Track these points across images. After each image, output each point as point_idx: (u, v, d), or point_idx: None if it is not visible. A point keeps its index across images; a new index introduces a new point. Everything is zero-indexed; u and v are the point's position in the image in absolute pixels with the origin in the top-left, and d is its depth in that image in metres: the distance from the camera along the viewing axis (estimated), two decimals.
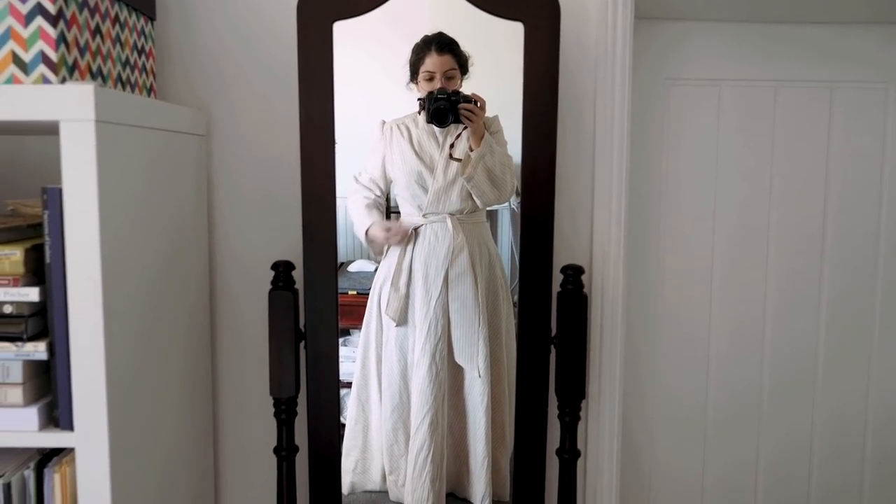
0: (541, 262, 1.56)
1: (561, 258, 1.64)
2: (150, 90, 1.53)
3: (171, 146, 1.47)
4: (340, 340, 1.94)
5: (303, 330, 1.57)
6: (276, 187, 1.68)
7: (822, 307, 1.96)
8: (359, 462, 1.71)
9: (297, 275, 1.57)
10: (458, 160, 1.60)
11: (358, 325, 1.79)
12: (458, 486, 1.73)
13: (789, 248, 1.94)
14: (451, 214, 1.62)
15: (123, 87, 1.40)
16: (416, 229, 1.64)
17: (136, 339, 1.31)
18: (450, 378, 1.67)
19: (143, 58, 1.50)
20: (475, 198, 1.62)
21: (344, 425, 1.72)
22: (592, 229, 1.69)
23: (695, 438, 2.00)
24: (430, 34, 1.60)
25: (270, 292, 1.54)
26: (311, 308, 1.55)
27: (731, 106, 1.89)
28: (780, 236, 1.93)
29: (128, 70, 1.42)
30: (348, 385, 1.93)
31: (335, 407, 1.59)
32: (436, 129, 1.62)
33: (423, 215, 1.63)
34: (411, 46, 1.61)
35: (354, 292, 1.83)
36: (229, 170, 1.69)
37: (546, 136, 1.53)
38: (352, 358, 1.93)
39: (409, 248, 1.65)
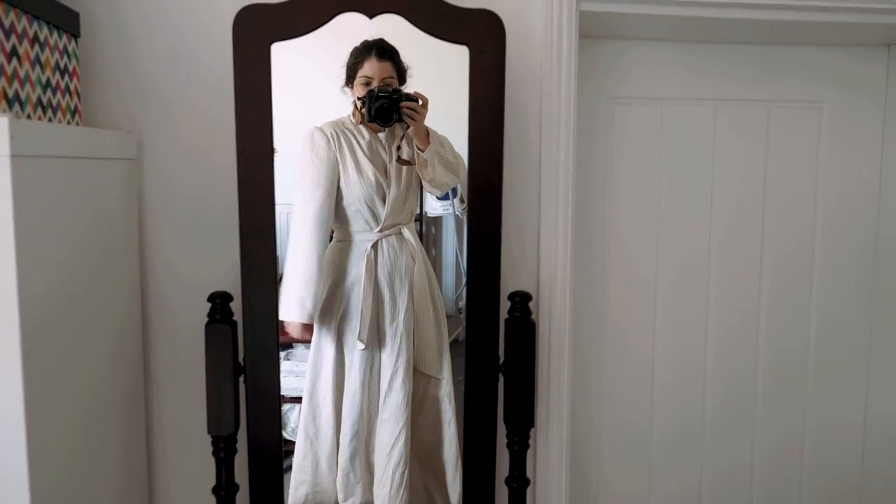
0: (488, 290, 1.53)
1: (508, 282, 1.62)
2: (74, 112, 1.44)
3: (96, 173, 1.39)
4: (283, 354, 1.88)
5: (242, 363, 1.50)
6: (213, 212, 1.60)
7: (760, 326, 1.99)
8: (309, 496, 1.64)
9: (236, 305, 1.50)
10: (408, 163, 1.55)
11: (301, 340, 1.73)
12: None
13: (731, 266, 1.96)
14: (404, 223, 1.57)
15: (45, 112, 1.31)
16: (374, 245, 1.57)
17: (59, 376, 1.23)
18: (413, 390, 1.62)
19: (67, 78, 1.41)
20: (433, 192, 1.57)
21: (289, 455, 1.66)
22: (539, 251, 1.67)
23: (642, 462, 2.01)
24: (370, 39, 1.54)
25: (207, 325, 1.47)
26: (251, 341, 1.48)
27: (673, 124, 1.90)
28: (721, 254, 1.95)
29: (49, 93, 1.33)
30: (291, 400, 1.87)
31: (277, 444, 1.53)
32: (381, 135, 1.56)
33: (380, 229, 1.57)
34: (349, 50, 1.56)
35: None
36: (163, 194, 1.60)
37: (493, 159, 1.50)
38: (295, 373, 1.87)
39: (371, 268, 1.57)
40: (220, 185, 1.58)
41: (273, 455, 1.53)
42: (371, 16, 1.44)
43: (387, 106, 1.49)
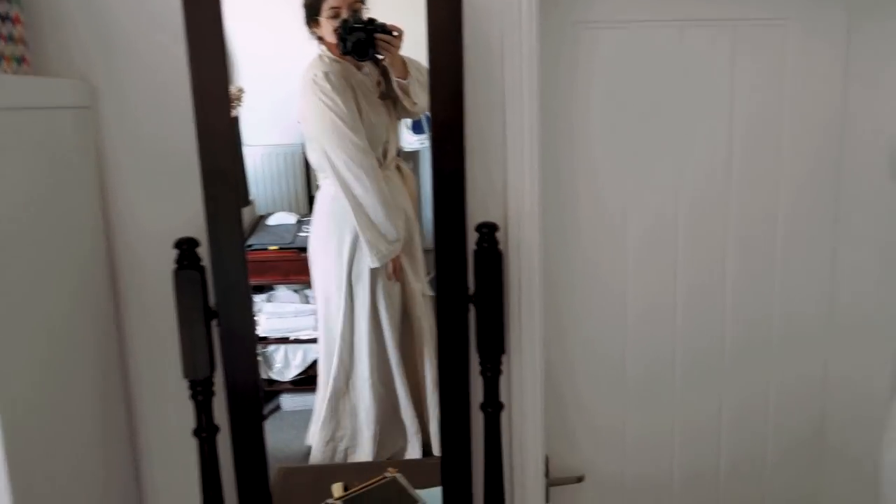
0: (454, 222, 1.53)
1: (476, 215, 1.62)
2: (20, 61, 1.40)
3: (48, 124, 1.36)
4: (265, 297, 1.90)
5: (214, 308, 1.51)
6: (176, 157, 1.57)
7: (727, 248, 2.01)
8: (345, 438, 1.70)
9: (204, 251, 1.49)
10: (389, 97, 1.53)
11: (282, 281, 1.74)
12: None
13: (700, 192, 1.96)
14: (395, 159, 1.57)
15: None
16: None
17: (28, 334, 1.23)
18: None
19: (10, 25, 1.37)
20: (413, 117, 1.58)
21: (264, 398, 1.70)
22: (506, 184, 1.67)
23: (616, 387, 2.05)
24: None
25: (175, 272, 1.47)
26: (221, 287, 1.49)
27: (640, 47, 1.87)
28: (692, 180, 1.95)
29: None
30: (276, 341, 1.90)
31: (254, 384, 1.55)
32: (364, 69, 1.54)
33: (385, 167, 1.57)
34: None
35: (276, 247, 1.78)
36: (122, 142, 1.57)
37: (453, 90, 1.47)
38: (277, 314, 1.90)
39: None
40: (181, 128, 1.55)
41: (251, 396, 1.55)
42: None
43: (363, 39, 1.46)
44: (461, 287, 1.57)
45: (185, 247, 1.47)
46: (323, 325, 1.70)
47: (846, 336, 2.05)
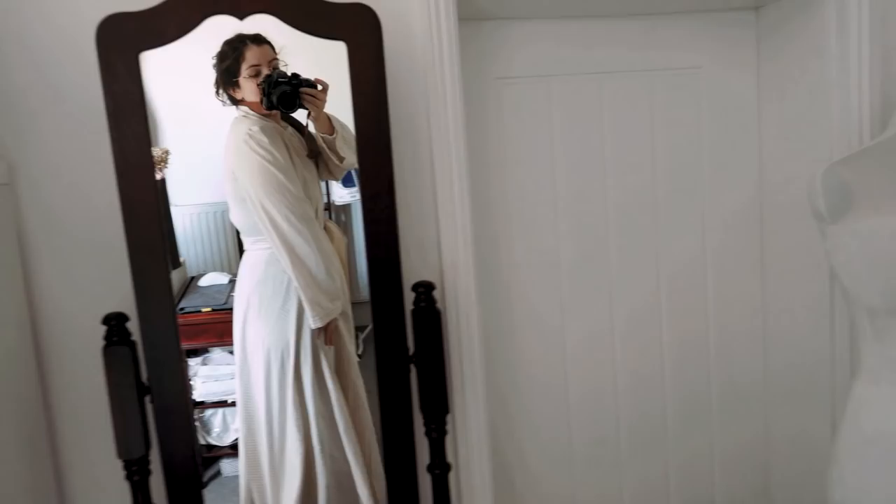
0: (390, 282, 1.53)
1: (411, 274, 1.62)
2: None
3: None
4: (200, 360, 1.84)
5: (146, 383, 1.46)
6: (98, 231, 1.55)
7: (660, 282, 2.06)
8: None
9: (134, 325, 1.45)
10: (316, 153, 1.53)
11: (217, 343, 1.69)
12: None
13: (629, 232, 2.01)
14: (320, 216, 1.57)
15: None
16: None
17: None
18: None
19: None
20: (337, 176, 1.60)
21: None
22: (440, 240, 1.68)
23: (560, 437, 2.05)
24: (234, 34, 1.48)
25: (104, 349, 1.42)
26: (153, 362, 1.45)
27: (561, 99, 1.93)
28: (619, 221, 2.00)
29: None
30: (215, 405, 1.84)
31: (192, 458, 1.50)
32: (289, 129, 1.54)
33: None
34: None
35: (209, 309, 1.73)
36: (43, 218, 1.53)
37: (382, 152, 1.49)
38: (213, 377, 1.84)
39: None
40: (103, 201, 1.52)
41: (190, 472, 1.50)
42: (241, 17, 1.40)
43: (289, 92, 1.46)
44: (401, 348, 1.56)
45: (114, 322, 1.42)
46: (254, 393, 1.63)
47: (784, 393, 2.10)
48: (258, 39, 1.49)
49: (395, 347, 1.55)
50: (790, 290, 2.03)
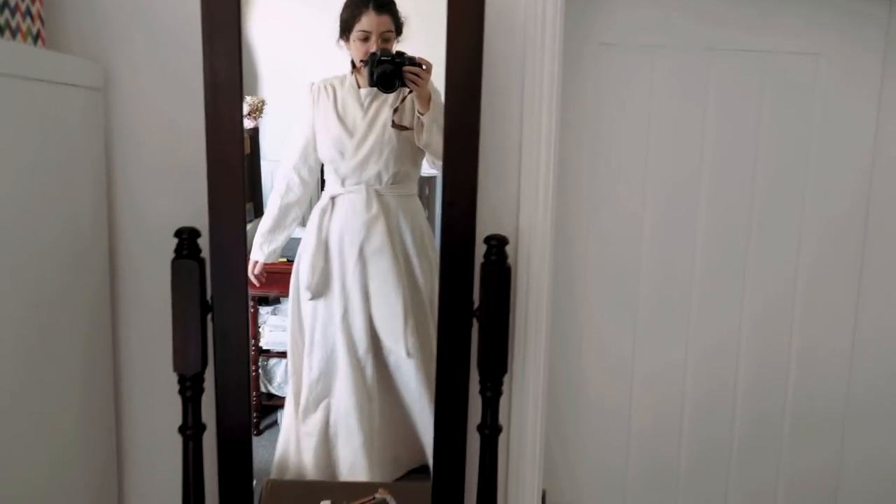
0: (463, 232, 1.49)
1: (486, 228, 1.58)
2: (36, 38, 1.39)
3: (59, 99, 1.34)
4: (270, 309, 1.86)
5: (210, 302, 1.47)
6: (182, 147, 1.56)
7: (746, 290, 1.95)
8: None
9: (205, 242, 1.46)
10: (405, 128, 1.51)
11: (288, 293, 1.70)
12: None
13: (719, 219, 1.91)
14: (369, 184, 1.54)
15: (2, 33, 1.27)
16: (332, 199, 1.56)
17: (24, 310, 1.20)
18: (375, 359, 1.60)
19: (28, 1, 1.36)
20: (434, 164, 1.54)
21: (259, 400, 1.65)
22: (519, 199, 1.63)
23: (621, 414, 1.98)
24: None
25: (173, 261, 1.43)
26: (218, 280, 1.45)
27: (665, 73, 1.84)
28: (710, 207, 1.90)
29: (7, 13, 1.28)
30: (278, 355, 1.86)
31: (245, 384, 1.50)
32: (362, 90, 1.53)
33: (342, 184, 1.55)
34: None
35: (285, 259, 1.74)
36: (130, 128, 1.56)
37: (470, 99, 1.44)
38: (281, 327, 1.86)
39: (326, 219, 1.56)
40: (192, 119, 1.53)
41: (240, 395, 1.50)
42: None
43: (389, 72, 1.47)
44: (466, 301, 1.51)
45: (186, 236, 1.43)
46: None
47: (865, 416, 1.98)
48: (381, 6, 1.49)
49: (460, 299, 1.50)
50: (887, 308, 1.89)
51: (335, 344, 1.61)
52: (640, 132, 1.86)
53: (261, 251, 1.62)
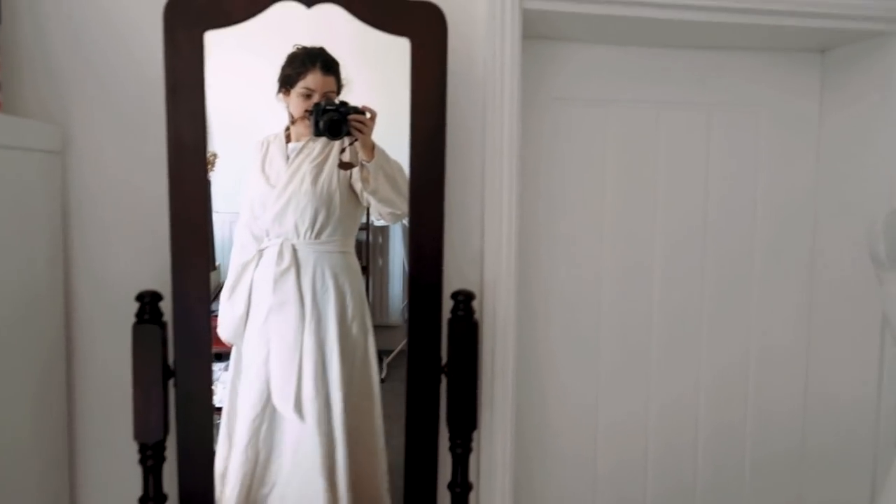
0: (431, 288, 1.49)
1: (450, 283, 1.58)
2: None
3: (16, 164, 1.31)
4: (224, 365, 1.80)
5: (172, 367, 1.43)
6: (142, 209, 1.54)
7: (703, 313, 1.99)
8: None
9: (166, 305, 1.43)
10: (349, 165, 1.52)
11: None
12: None
13: (674, 266, 1.97)
14: (287, 238, 1.52)
15: None
16: (260, 252, 1.54)
17: None
18: (269, 419, 1.56)
19: None
20: (384, 213, 1.55)
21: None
22: (483, 253, 1.64)
23: (587, 467, 1.98)
24: (311, 48, 1.51)
25: (135, 326, 1.39)
26: (182, 343, 1.42)
27: (617, 126, 1.90)
28: (664, 254, 1.96)
29: None
30: None
31: (209, 451, 1.46)
32: (290, 144, 1.54)
33: (267, 236, 1.54)
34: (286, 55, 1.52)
35: None
36: (89, 190, 1.53)
37: (435, 154, 1.47)
38: None
39: (250, 270, 1.54)
40: (152, 181, 1.51)
41: (204, 464, 1.46)
42: (309, 5, 1.40)
43: (336, 119, 1.48)
44: (434, 356, 1.51)
45: (148, 300, 1.40)
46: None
47: (821, 463, 2.02)
48: (327, 67, 1.51)
49: (429, 355, 1.50)
50: (836, 353, 1.96)
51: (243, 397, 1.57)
52: (595, 183, 1.91)
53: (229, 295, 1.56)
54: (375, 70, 1.58)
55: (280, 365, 1.54)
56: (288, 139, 1.55)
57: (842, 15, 1.67)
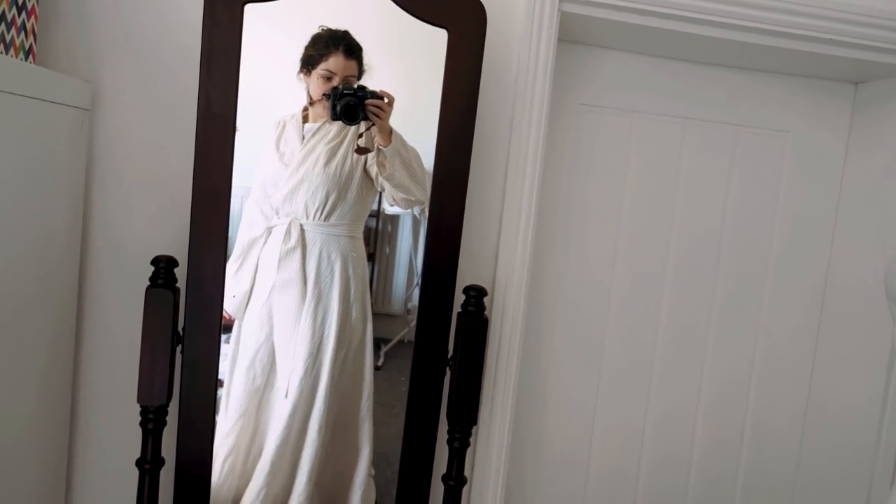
0: (444, 280, 1.50)
1: (463, 276, 1.59)
2: (28, 53, 1.36)
3: (45, 117, 1.31)
4: (225, 338, 1.81)
5: (181, 333, 1.44)
6: (164, 174, 1.54)
7: (710, 327, 1.99)
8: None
9: (181, 272, 1.43)
10: (366, 150, 1.51)
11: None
12: None
13: (684, 281, 1.97)
14: (296, 218, 1.53)
15: None
16: (269, 229, 1.54)
17: None
18: (266, 395, 1.56)
19: (24, 15, 1.34)
20: (398, 198, 1.54)
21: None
22: (498, 250, 1.65)
23: (579, 470, 1.99)
24: (335, 30, 1.49)
25: (148, 289, 1.40)
26: (193, 311, 1.42)
27: (641, 137, 1.90)
28: (677, 272, 1.96)
29: (2, 26, 1.26)
30: None
31: (210, 419, 1.47)
32: (306, 125, 1.54)
33: (276, 214, 1.54)
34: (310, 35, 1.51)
35: None
36: (113, 151, 1.53)
37: (461, 147, 1.47)
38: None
39: (258, 247, 1.54)
40: (176, 147, 1.53)
41: (204, 431, 1.46)
42: None
43: (353, 104, 1.47)
44: (441, 348, 1.51)
45: (163, 265, 1.40)
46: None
47: (816, 489, 2.02)
48: (350, 51, 1.50)
49: (435, 347, 1.51)
50: (841, 381, 1.96)
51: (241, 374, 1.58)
52: (614, 191, 1.91)
53: (235, 273, 1.54)
54: (398, 58, 1.57)
55: (282, 342, 1.55)
56: (305, 119, 1.55)
57: (879, 48, 1.67)
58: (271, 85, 1.61)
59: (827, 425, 1.98)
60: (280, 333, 1.55)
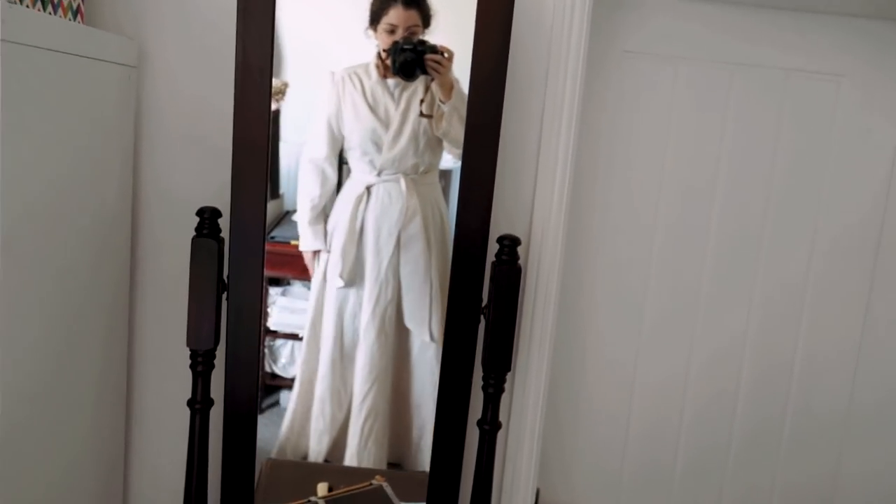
0: (477, 229, 1.51)
1: (498, 226, 1.60)
2: (76, 12, 1.42)
3: (93, 75, 1.38)
4: (280, 290, 1.89)
5: (226, 280, 1.51)
6: (209, 127, 1.60)
7: (756, 278, 1.96)
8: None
9: (225, 223, 1.49)
10: (429, 116, 1.53)
11: (299, 276, 1.73)
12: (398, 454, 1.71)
13: (730, 230, 1.93)
14: (406, 174, 1.56)
15: (44, 6, 1.30)
16: (368, 188, 1.57)
17: (40, 276, 1.24)
18: (397, 344, 1.63)
19: None
20: (451, 152, 1.56)
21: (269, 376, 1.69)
22: (534, 200, 1.65)
23: (619, 416, 2.01)
24: None
25: (194, 239, 1.46)
26: (236, 259, 1.49)
27: (686, 84, 1.86)
28: (722, 218, 1.92)
29: None
30: (285, 336, 1.88)
31: (255, 362, 1.54)
32: (389, 81, 1.55)
33: (377, 174, 1.57)
34: None
35: (297, 242, 1.77)
36: (160, 106, 1.60)
37: (492, 97, 1.46)
38: (290, 309, 1.88)
39: (361, 207, 1.58)
40: (220, 101, 1.58)
41: (249, 373, 1.54)
42: None
43: (410, 60, 1.48)
44: (475, 297, 1.54)
45: (207, 216, 1.46)
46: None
47: (865, 428, 1.99)
48: (409, 1, 1.50)
49: (469, 295, 1.53)
50: (894, 323, 1.91)
51: (359, 331, 1.63)
52: (657, 141, 1.88)
53: (304, 240, 1.61)
54: (457, 8, 1.56)
55: (412, 292, 1.61)
56: (384, 75, 1.56)
57: None
58: (323, 40, 1.63)
59: (880, 360, 1.95)
60: (410, 288, 1.61)
